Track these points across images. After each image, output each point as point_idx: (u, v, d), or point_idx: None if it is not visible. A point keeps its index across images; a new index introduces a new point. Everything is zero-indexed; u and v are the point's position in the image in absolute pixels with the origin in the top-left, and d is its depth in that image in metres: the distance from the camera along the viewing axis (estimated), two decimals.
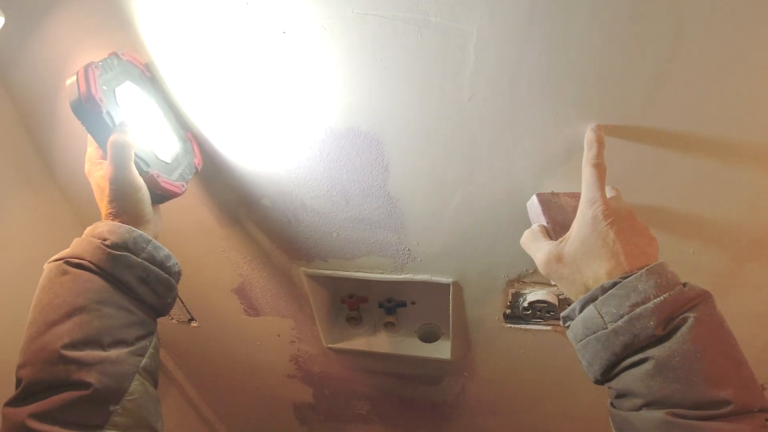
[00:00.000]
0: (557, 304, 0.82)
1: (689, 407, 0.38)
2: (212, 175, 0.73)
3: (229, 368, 1.22)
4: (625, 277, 0.43)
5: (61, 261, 0.50)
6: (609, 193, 0.52)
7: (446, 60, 0.54)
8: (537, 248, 0.51)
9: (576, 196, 0.55)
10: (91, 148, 0.59)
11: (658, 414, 0.39)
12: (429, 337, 1.03)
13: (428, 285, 0.83)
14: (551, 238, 0.52)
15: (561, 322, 0.49)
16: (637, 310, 0.40)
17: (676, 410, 0.38)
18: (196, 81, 0.63)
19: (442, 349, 0.98)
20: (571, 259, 0.47)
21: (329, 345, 1.02)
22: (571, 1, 0.47)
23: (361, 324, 1.03)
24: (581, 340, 0.45)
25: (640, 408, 0.41)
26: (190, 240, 0.86)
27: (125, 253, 0.51)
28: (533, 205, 0.59)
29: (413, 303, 1.02)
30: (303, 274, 0.86)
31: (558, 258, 0.48)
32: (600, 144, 0.51)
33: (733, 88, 0.50)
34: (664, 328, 0.40)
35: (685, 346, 0.39)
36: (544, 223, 0.56)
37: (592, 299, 0.44)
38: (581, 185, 0.50)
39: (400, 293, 0.99)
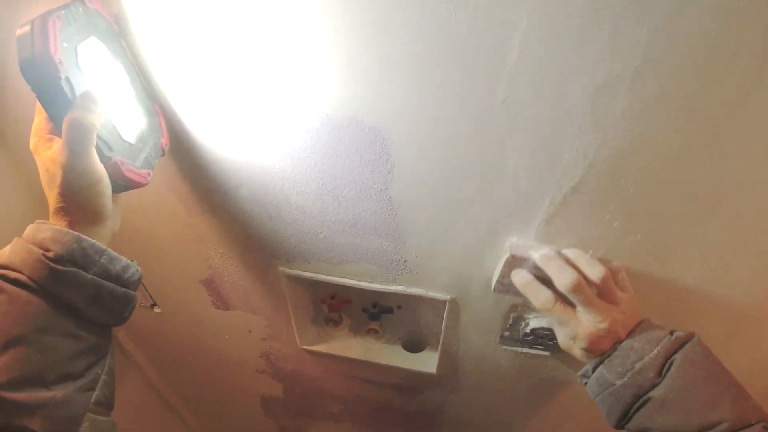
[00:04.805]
0: None
1: None
2: (181, 155, 0.61)
3: (193, 356, 1.13)
4: (620, 342, 0.51)
5: None
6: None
7: (482, 50, 0.43)
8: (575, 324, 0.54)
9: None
10: (39, 119, 0.46)
11: None
12: (414, 344, 0.94)
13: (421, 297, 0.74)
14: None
15: (579, 380, 0.56)
16: (637, 366, 0.49)
17: None
18: (172, 41, 0.50)
19: (427, 362, 0.90)
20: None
21: (304, 346, 0.93)
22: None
23: (340, 326, 0.94)
24: (597, 396, 0.53)
25: None
26: (153, 223, 0.74)
27: (72, 269, 0.41)
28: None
29: (399, 307, 0.92)
30: (282, 274, 0.76)
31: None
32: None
33: None
34: (660, 374, 0.48)
35: (676, 382, 0.46)
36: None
37: (601, 362, 0.52)
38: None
39: (387, 298, 0.90)
